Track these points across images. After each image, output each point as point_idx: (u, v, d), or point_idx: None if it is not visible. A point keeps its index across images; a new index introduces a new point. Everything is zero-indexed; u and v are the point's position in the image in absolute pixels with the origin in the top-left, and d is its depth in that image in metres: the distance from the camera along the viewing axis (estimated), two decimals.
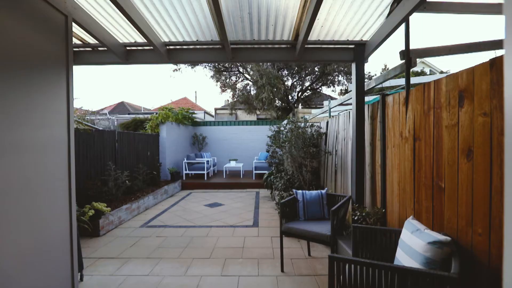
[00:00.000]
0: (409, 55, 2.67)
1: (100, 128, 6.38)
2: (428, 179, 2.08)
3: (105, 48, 3.37)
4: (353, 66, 3.26)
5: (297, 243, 3.95)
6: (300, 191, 3.37)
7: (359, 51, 3.18)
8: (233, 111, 17.32)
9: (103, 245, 4.04)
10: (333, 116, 4.84)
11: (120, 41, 3.32)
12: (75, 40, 3.30)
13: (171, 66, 12.49)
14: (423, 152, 2.16)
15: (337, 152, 4.38)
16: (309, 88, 14.41)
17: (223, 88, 13.55)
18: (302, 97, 14.68)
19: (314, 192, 3.35)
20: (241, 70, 12.95)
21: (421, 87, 2.20)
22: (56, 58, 2.08)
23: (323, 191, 3.35)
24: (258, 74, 10.35)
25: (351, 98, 4.44)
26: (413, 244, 1.74)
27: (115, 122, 13.61)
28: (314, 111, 7.62)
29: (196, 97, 28.28)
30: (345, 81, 13.40)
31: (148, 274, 3.14)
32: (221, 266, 3.28)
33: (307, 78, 14.28)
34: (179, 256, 3.61)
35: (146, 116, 10.33)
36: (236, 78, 13.84)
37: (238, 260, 3.46)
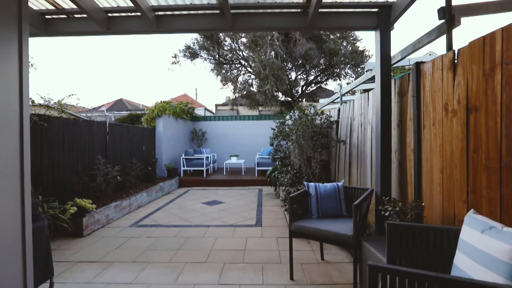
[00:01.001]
0: (451, 12, 2.14)
1: (88, 119, 5.88)
2: (493, 160, 1.56)
3: (83, 15, 2.87)
4: (376, 34, 2.73)
5: (306, 245, 3.42)
6: (312, 184, 2.85)
7: (384, 15, 2.66)
8: (234, 107, 16.82)
9: (85, 247, 3.54)
10: (345, 102, 4.32)
11: (101, 5, 2.81)
12: (46, 5, 2.79)
13: (169, 59, 11.98)
14: (483, 126, 1.63)
15: (352, 141, 3.85)
16: (314, 82, 13.86)
17: (223, 82, 13.03)
18: (306, 91, 14.14)
19: (329, 184, 2.82)
20: (242, 62, 12.43)
21: (479, 41, 1.67)
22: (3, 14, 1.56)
23: (340, 184, 2.82)
24: (261, 65, 9.83)
25: (368, 79, 3.92)
26: (489, 248, 1.22)
27: (112, 119, 13.15)
28: (322, 100, 7.09)
29: (196, 94, 27.83)
30: (352, 74, 12.84)
31: (132, 282, 2.62)
32: (218, 273, 2.76)
33: (311, 71, 13.75)
34: (170, 260, 3.10)
35: (144, 112, 9.86)
36: (238, 71, 13.31)
37: (238, 265, 2.94)
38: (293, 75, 13.63)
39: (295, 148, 4.61)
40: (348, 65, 13.03)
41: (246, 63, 12.63)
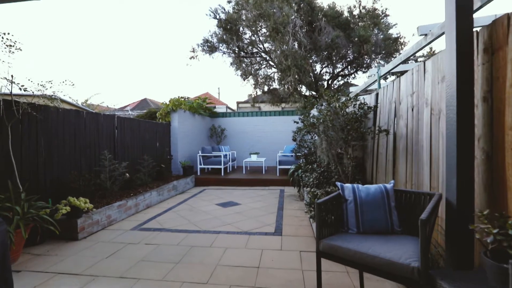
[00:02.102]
0: None
1: (93, 111, 5.52)
2: None
3: None
4: None
5: (339, 265, 2.64)
6: (348, 185, 2.07)
7: None
8: (256, 105, 16.18)
9: (74, 253, 3.04)
10: (386, 84, 3.44)
11: None
12: None
13: (188, 54, 11.59)
14: None
15: (398, 131, 2.99)
16: (341, 74, 12.78)
17: (244, 76, 12.41)
18: (332, 86, 13.10)
19: (372, 186, 2.03)
20: (263, 55, 11.72)
21: None
22: None
23: (389, 186, 2.01)
24: (282, 55, 9.05)
25: (417, 51, 3.03)
26: None
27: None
28: (353, 89, 6.17)
29: (219, 93, 27.68)
30: (384, 64, 11.60)
31: None
32: None
33: (338, 64, 12.68)
34: (164, 277, 2.48)
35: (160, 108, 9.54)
36: (259, 65, 12.62)
37: None
38: (317, 68, 12.66)
39: (322, 141, 3.82)
40: (380, 55, 11.81)
41: (267, 56, 11.91)
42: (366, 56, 11.94)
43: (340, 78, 13.29)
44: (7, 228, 2.07)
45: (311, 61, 11.47)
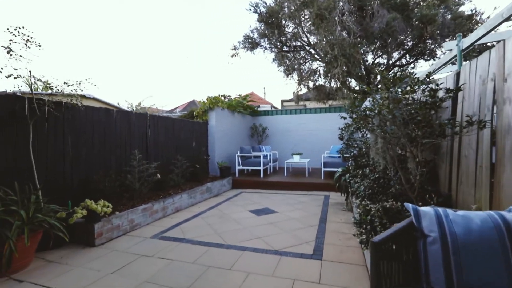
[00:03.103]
0: None
1: (126, 109, 5.43)
2: None
3: None
4: None
5: None
6: (429, 210, 1.24)
7: None
8: (301, 102, 15.25)
9: (83, 264, 2.75)
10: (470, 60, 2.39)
11: None
12: None
13: (229, 51, 11.33)
14: None
15: (502, 122, 1.97)
16: (398, 65, 11.08)
17: (287, 71, 11.66)
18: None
19: (477, 216, 1.16)
20: (307, 48, 10.79)
21: None
22: None
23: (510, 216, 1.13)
24: (328, 45, 8.05)
25: None
26: None
27: None
28: (418, 70, 4.96)
29: (264, 92, 27.32)
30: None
31: None
32: None
33: (393, 53, 11.02)
34: None
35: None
36: (303, 60, 11.71)
37: None
38: (369, 58, 11.18)
39: (378, 139, 2.92)
40: (449, 38, 9.85)
41: (311, 50, 10.93)
42: (429, 41, 10.12)
43: (396, 69, 11.57)
44: None
45: (361, 50, 10.14)
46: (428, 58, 10.58)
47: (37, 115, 3.22)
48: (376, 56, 11.07)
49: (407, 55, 11.06)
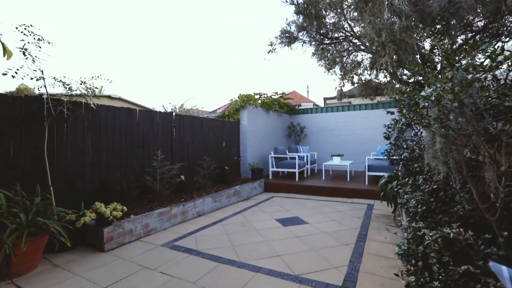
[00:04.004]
0: None
1: (150, 107, 5.34)
2: None
3: None
4: None
5: None
6: None
7: None
8: (344, 100, 14.06)
9: (82, 272, 2.56)
10: None
11: None
12: None
13: (265, 47, 10.86)
14: None
15: None
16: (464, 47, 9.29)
17: (328, 66, 10.74)
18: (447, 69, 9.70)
19: None
20: (350, 38, 9.75)
21: None
22: None
23: None
24: (374, 31, 7.02)
25: None
26: None
27: None
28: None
29: (307, 91, 26.23)
30: None
31: None
32: None
33: (458, 38, 9.27)
34: None
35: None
36: (347, 52, 10.65)
37: None
38: (426, 45, 9.60)
39: (436, 137, 2.14)
40: None
41: (356, 41, 9.83)
42: (507, 17, 8.23)
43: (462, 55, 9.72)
44: None
45: (416, 35, 8.72)
46: (506, 40, 8.62)
47: (52, 115, 3.18)
48: (433, 42, 9.46)
49: (476, 37, 9.21)
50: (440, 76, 2.26)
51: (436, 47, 2.36)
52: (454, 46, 2.03)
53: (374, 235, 3.48)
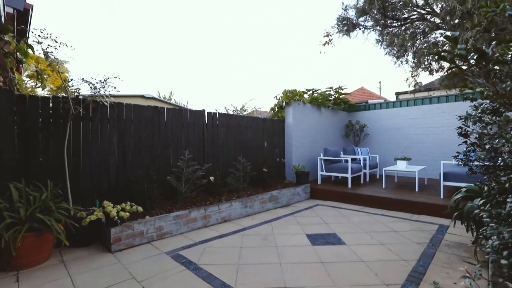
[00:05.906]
0: None
1: (182, 105, 5.22)
2: None
3: None
4: None
5: None
6: None
7: None
8: (417, 95, 11.83)
9: (77, 273, 2.47)
10: None
11: None
12: None
13: (321, 39, 9.90)
14: None
15: None
16: None
17: (397, 54, 9.09)
18: None
19: None
20: (422, 12, 7.95)
21: None
22: None
23: None
24: None
25: None
26: None
27: None
28: None
29: (380, 87, 23.44)
30: None
31: None
32: None
33: None
34: None
35: None
36: (422, 35, 8.78)
37: None
38: None
39: None
40: None
41: (429, 16, 7.95)
42: None
43: None
44: None
45: None
46: None
47: (73, 114, 3.29)
48: None
49: None
50: None
51: None
52: None
53: (438, 273, 2.44)
